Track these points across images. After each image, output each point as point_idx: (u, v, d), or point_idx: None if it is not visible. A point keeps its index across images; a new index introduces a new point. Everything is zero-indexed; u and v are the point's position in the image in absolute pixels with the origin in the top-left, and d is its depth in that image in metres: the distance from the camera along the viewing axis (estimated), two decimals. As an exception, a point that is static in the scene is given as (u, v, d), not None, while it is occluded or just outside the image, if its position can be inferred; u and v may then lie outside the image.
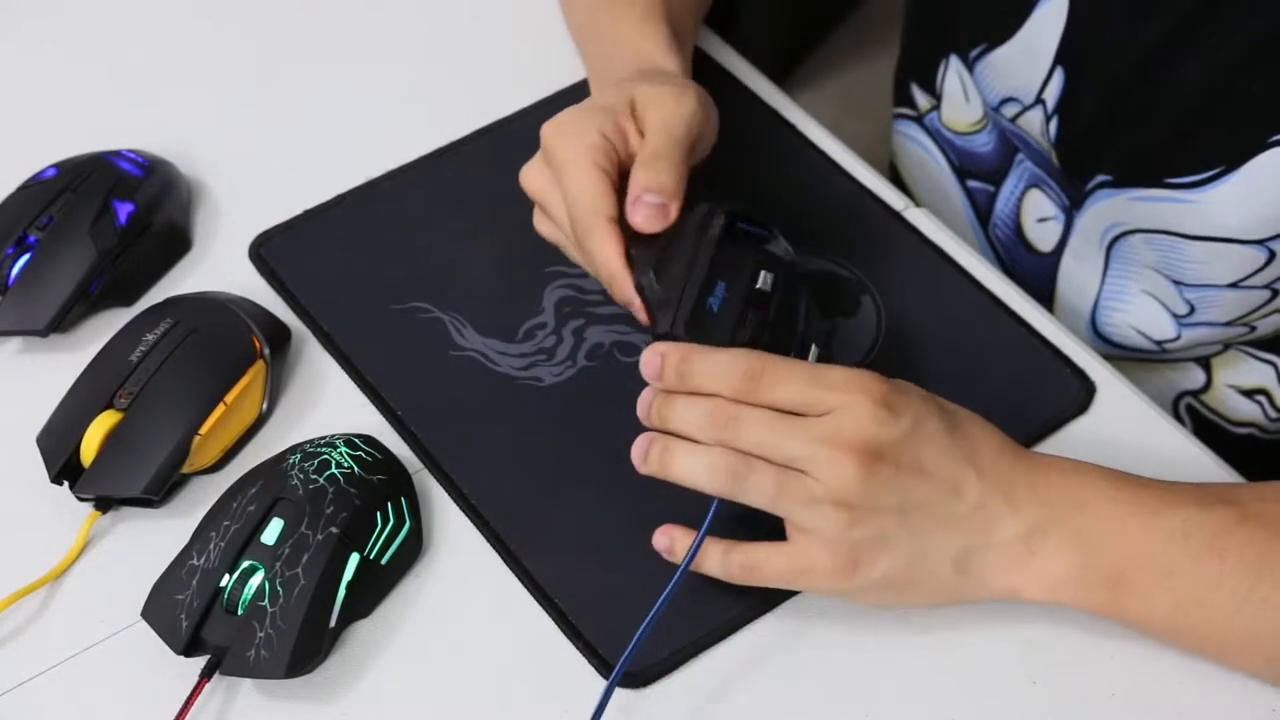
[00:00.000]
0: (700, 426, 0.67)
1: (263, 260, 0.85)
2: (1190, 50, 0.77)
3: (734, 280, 0.69)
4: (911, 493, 0.66)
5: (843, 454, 0.65)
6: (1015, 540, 0.67)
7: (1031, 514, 0.67)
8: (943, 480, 0.66)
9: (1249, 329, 0.86)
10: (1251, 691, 0.69)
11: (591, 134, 0.71)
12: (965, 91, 0.91)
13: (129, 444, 0.75)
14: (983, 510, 0.67)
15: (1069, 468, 0.69)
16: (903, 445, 0.66)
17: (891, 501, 0.66)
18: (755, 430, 0.66)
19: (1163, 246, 0.83)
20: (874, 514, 0.66)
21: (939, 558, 0.67)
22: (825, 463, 0.65)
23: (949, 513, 0.67)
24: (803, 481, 0.65)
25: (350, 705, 0.70)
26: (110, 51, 0.97)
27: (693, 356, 0.67)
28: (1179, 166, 0.79)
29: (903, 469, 0.66)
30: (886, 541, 0.66)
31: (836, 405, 0.65)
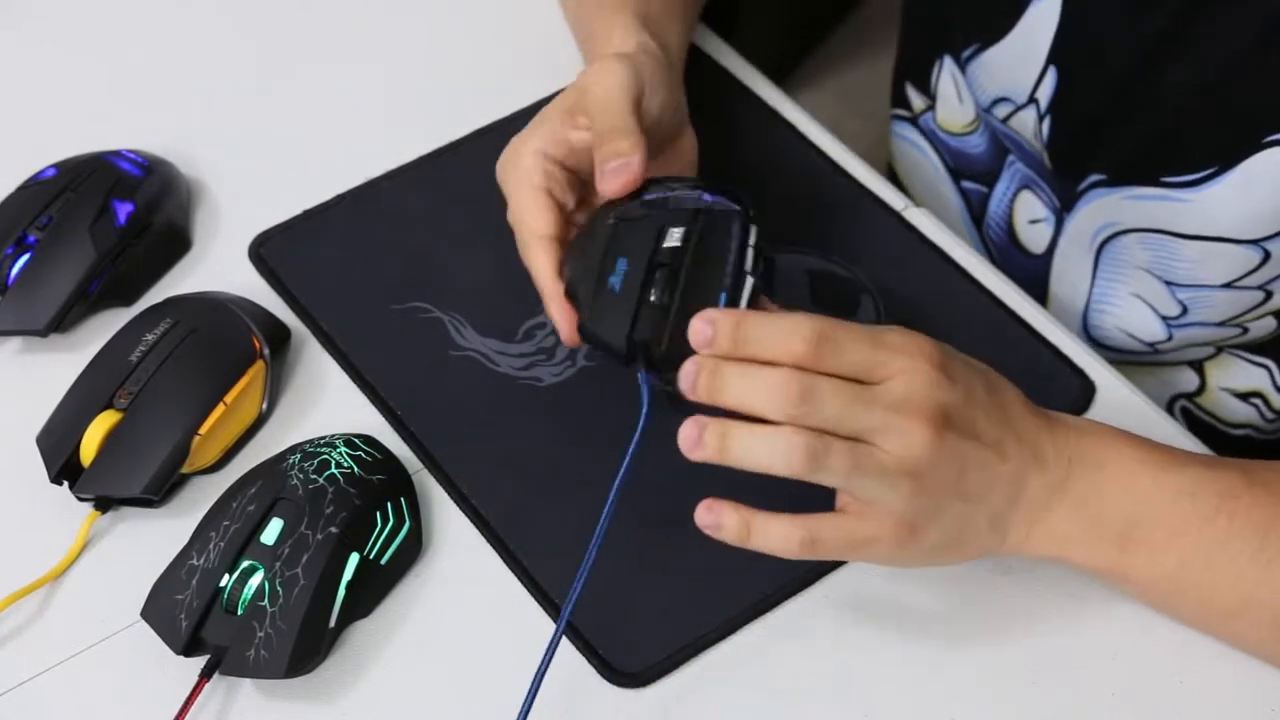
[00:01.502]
0: (770, 400, 0.62)
1: (263, 260, 0.85)
2: (1184, 49, 0.77)
3: (635, 250, 0.69)
4: (968, 457, 0.65)
5: (915, 422, 0.63)
6: (1038, 497, 0.67)
7: (1055, 471, 0.67)
8: (991, 444, 0.66)
9: (1241, 330, 0.85)
10: (1251, 692, 0.69)
11: (525, 158, 0.73)
12: (958, 92, 0.91)
13: (129, 444, 0.75)
14: (1019, 470, 0.67)
15: (1085, 426, 0.69)
16: (961, 410, 0.65)
17: (952, 467, 0.65)
18: (833, 403, 0.63)
19: (1156, 246, 0.83)
20: (936, 482, 0.65)
21: (980, 519, 0.67)
22: (898, 432, 0.64)
23: (994, 475, 0.66)
24: (873, 454, 0.64)
25: (350, 705, 0.70)
26: (111, 51, 0.97)
27: (749, 320, 0.63)
28: (1174, 166, 0.79)
29: (964, 435, 0.65)
30: (941, 508, 0.65)
31: (898, 370, 0.64)
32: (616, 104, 0.72)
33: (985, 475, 0.66)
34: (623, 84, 0.73)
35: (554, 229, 0.72)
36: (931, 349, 0.65)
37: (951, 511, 0.66)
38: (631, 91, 0.73)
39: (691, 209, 0.70)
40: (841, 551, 0.66)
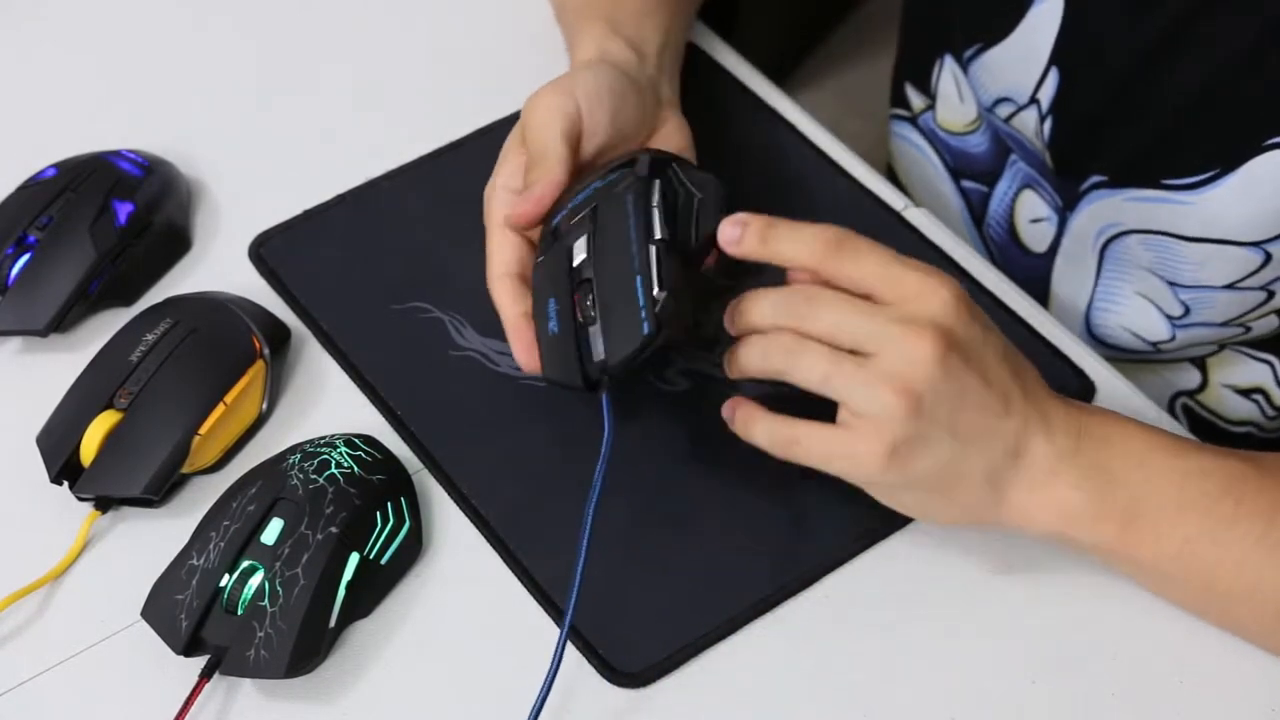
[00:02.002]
0: (775, 311, 0.66)
1: (263, 260, 0.85)
2: (1185, 52, 0.77)
3: (556, 284, 0.70)
4: (969, 392, 0.65)
5: (920, 334, 0.64)
6: (1042, 462, 0.67)
7: (1063, 440, 0.67)
8: (997, 389, 0.66)
9: (1244, 329, 0.86)
10: (1251, 692, 0.69)
11: (493, 198, 0.75)
12: (959, 91, 0.91)
13: (129, 444, 0.75)
14: (1023, 428, 0.67)
15: (1094, 408, 0.70)
16: (975, 344, 0.65)
17: (950, 394, 0.65)
18: (832, 307, 0.65)
19: (1158, 247, 0.83)
20: (929, 405, 0.64)
21: (974, 468, 0.67)
22: (898, 342, 0.64)
23: (994, 424, 0.66)
24: (863, 363, 0.64)
25: (350, 705, 0.70)
26: (111, 51, 0.97)
27: (776, 223, 0.67)
28: (1175, 168, 0.79)
29: (970, 365, 0.65)
30: (930, 439, 0.65)
31: (917, 291, 0.65)
32: (547, 133, 0.74)
33: (985, 420, 0.66)
34: (553, 115, 0.75)
35: (513, 267, 0.74)
36: (955, 284, 0.66)
37: (943, 447, 0.66)
38: (563, 120, 0.74)
39: (589, 208, 0.71)
40: (821, 458, 0.67)
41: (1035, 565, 0.73)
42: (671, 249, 0.68)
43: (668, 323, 0.67)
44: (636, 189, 0.70)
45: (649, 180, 0.70)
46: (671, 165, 0.72)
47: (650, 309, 0.67)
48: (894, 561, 0.73)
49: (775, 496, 0.75)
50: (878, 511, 0.73)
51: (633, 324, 0.67)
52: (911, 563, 0.73)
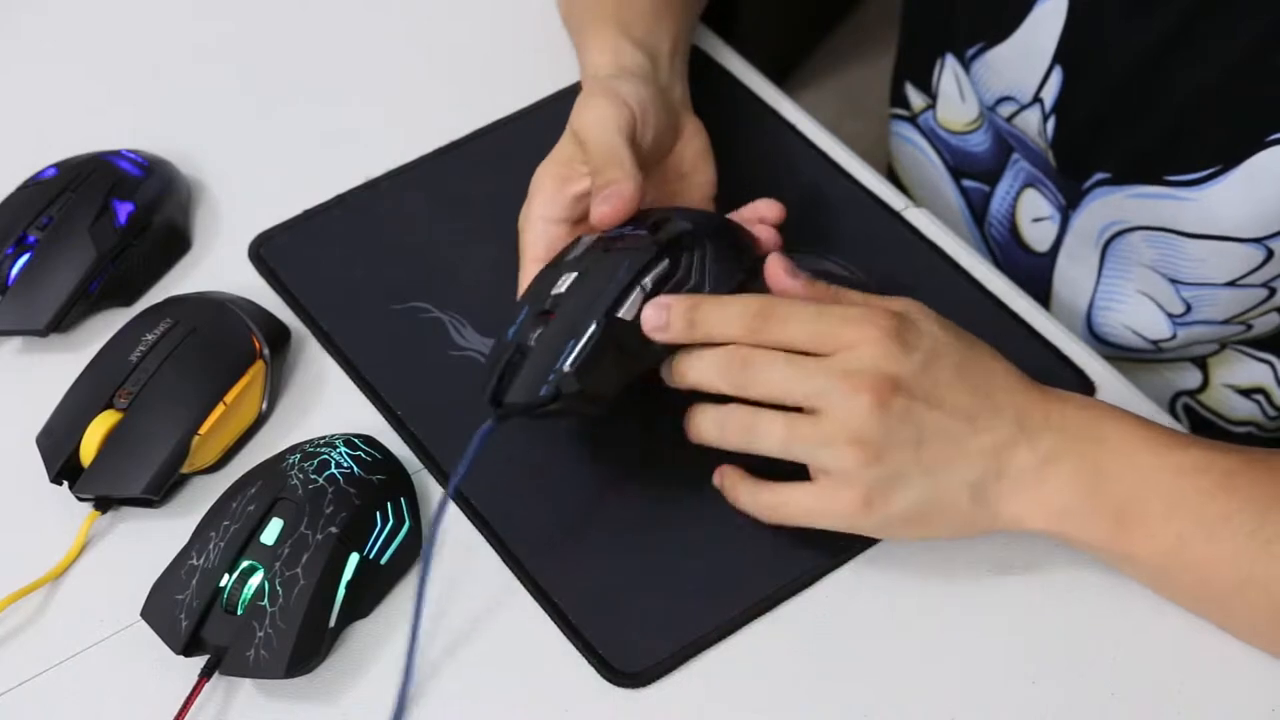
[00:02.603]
0: (717, 372, 0.67)
1: (263, 260, 0.85)
2: (1189, 49, 0.77)
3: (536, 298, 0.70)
4: (927, 425, 0.66)
5: (857, 389, 0.65)
6: (1028, 469, 0.68)
7: (1045, 443, 0.68)
8: (957, 411, 0.67)
9: (1245, 327, 0.86)
10: (1251, 692, 0.69)
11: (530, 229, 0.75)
12: (961, 90, 0.91)
13: (129, 444, 0.75)
14: (996, 440, 0.67)
15: (1082, 402, 0.70)
16: (917, 377, 0.66)
17: (907, 435, 0.66)
18: (769, 370, 0.67)
19: (1161, 244, 0.83)
20: (889, 450, 0.66)
21: (955, 490, 0.67)
22: (840, 398, 0.65)
23: (964, 444, 0.67)
24: (816, 423, 0.66)
25: (350, 705, 0.70)
26: (111, 51, 0.97)
27: (700, 304, 0.68)
28: (1177, 165, 0.79)
29: (917, 401, 0.66)
30: (902, 478, 0.66)
31: (849, 341, 0.66)
32: (610, 140, 0.73)
33: (951, 446, 0.67)
34: (614, 121, 0.74)
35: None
36: (885, 320, 0.66)
37: (916, 484, 0.67)
38: (624, 126, 0.74)
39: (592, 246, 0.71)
40: (806, 517, 0.69)
41: (1035, 565, 0.73)
42: (629, 331, 0.68)
43: (567, 396, 0.67)
44: (637, 258, 0.69)
45: (658, 256, 0.69)
46: (705, 246, 0.71)
47: (556, 377, 0.67)
48: (894, 562, 0.73)
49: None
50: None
51: (538, 380, 0.68)
52: (911, 563, 0.73)
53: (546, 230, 0.75)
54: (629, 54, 0.80)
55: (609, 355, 0.68)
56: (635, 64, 0.80)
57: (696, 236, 0.71)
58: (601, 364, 0.68)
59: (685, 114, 0.81)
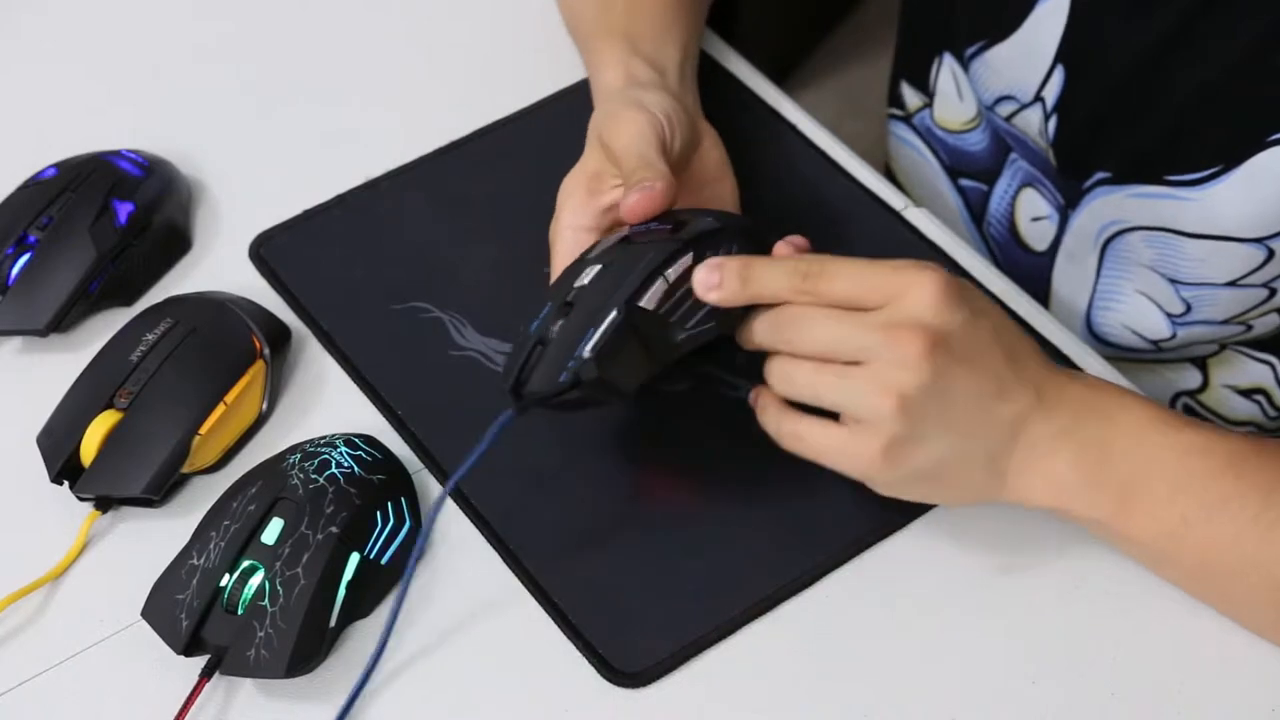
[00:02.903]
0: (768, 329, 0.68)
1: (263, 260, 0.85)
2: (1190, 48, 0.77)
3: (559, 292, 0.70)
4: (959, 386, 0.66)
5: (902, 340, 0.65)
6: (1040, 440, 0.68)
7: (1060, 418, 0.68)
8: (990, 375, 0.67)
9: (1245, 328, 0.86)
10: (1251, 692, 0.69)
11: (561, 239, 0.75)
12: (959, 89, 0.91)
13: (129, 444, 0.75)
14: (1018, 410, 0.67)
15: (1098, 383, 0.70)
16: (961, 334, 0.66)
17: (939, 392, 0.66)
18: (817, 327, 0.67)
19: (1161, 244, 0.83)
20: (921, 405, 0.65)
21: (973, 455, 0.68)
22: (885, 350, 0.65)
23: (990, 410, 0.67)
24: (853, 372, 0.66)
25: (350, 705, 0.70)
26: (111, 52, 0.97)
27: (751, 263, 0.68)
28: (1178, 164, 0.79)
29: (957, 358, 0.66)
30: (926, 436, 0.66)
31: (898, 290, 0.66)
32: (643, 150, 0.73)
33: (979, 410, 0.67)
34: (647, 133, 0.74)
35: None
36: (936, 274, 0.66)
37: (939, 442, 0.67)
38: (656, 137, 0.74)
39: (617, 243, 0.71)
40: (821, 455, 0.69)
41: (1035, 565, 0.73)
42: (651, 321, 0.68)
43: (587, 384, 0.67)
44: (660, 250, 0.69)
45: (682, 249, 0.69)
46: (730, 245, 0.70)
47: (576, 364, 0.67)
48: (894, 562, 0.73)
49: (776, 497, 0.75)
50: (878, 513, 0.74)
51: (557, 368, 0.68)
52: (911, 563, 0.73)
53: (577, 238, 0.74)
54: (641, 68, 0.80)
55: (630, 344, 0.68)
56: (648, 77, 0.80)
57: (721, 234, 0.70)
58: (622, 352, 0.68)
59: (701, 123, 0.80)
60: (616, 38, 0.82)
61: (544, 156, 0.89)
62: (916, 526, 0.74)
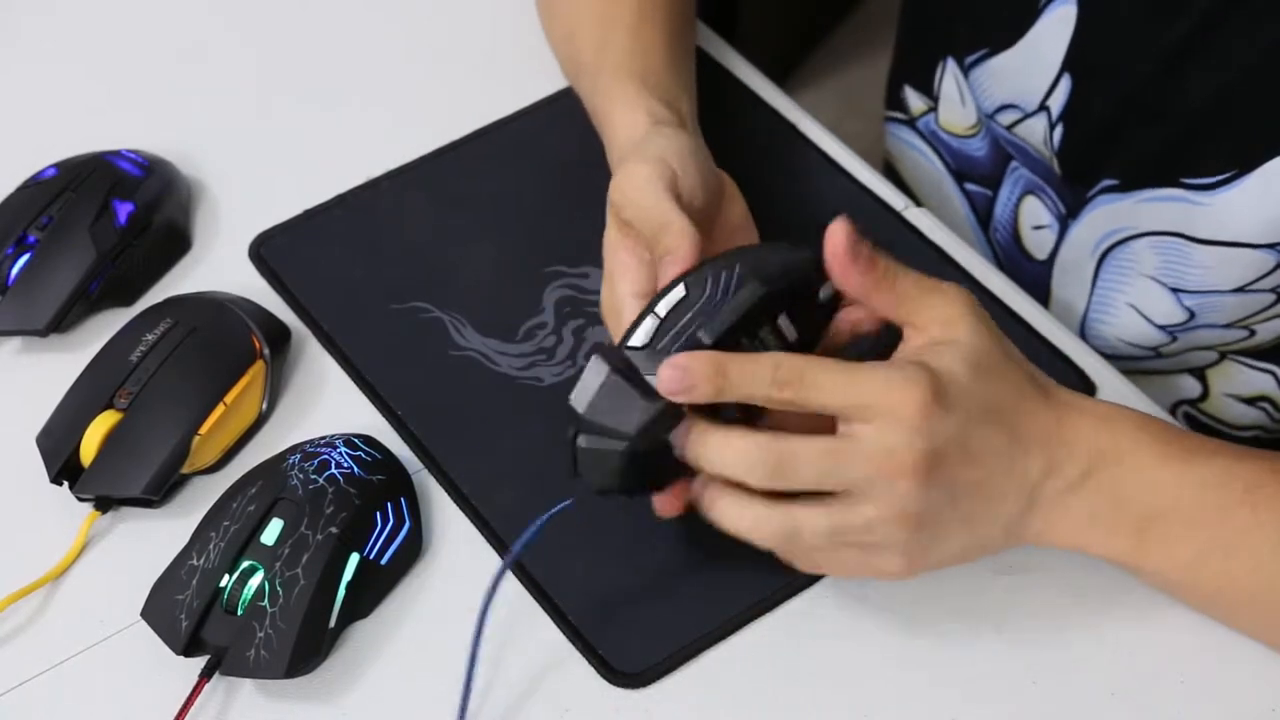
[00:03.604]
0: (750, 471, 0.64)
1: (263, 260, 0.85)
2: (1204, 54, 0.77)
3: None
4: (965, 484, 0.65)
5: (899, 473, 0.63)
6: (1053, 496, 0.67)
7: (1069, 471, 0.67)
8: (992, 460, 0.66)
9: (1249, 332, 0.85)
10: (1251, 692, 0.69)
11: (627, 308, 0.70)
12: (961, 95, 0.91)
13: (129, 444, 0.75)
14: (1028, 479, 0.67)
15: (1109, 415, 0.68)
16: (956, 441, 0.64)
17: (946, 497, 0.65)
18: (807, 470, 0.64)
19: (1168, 251, 0.82)
20: (930, 515, 0.65)
21: (991, 530, 0.67)
22: (882, 484, 0.63)
23: (998, 488, 0.66)
24: (857, 508, 0.64)
25: (350, 705, 0.70)
26: (110, 51, 0.97)
27: (725, 365, 0.63)
28: (1192, 170, 0.79)
29: (956, 467, 0.64)
30: (942, 535, 0.66)
31: (885, 409, 0.63)
32: (654, 203, 0.70)
33: (986, 492, 0.66)
34: (654, 182, 0.71)
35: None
36: (922, 383, 0.63)
37: (956, 535, 0.66)
38: (665, 185, 0.71)
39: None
40: (847, 575, 0.69)
41: (1035, 566, 0.73)
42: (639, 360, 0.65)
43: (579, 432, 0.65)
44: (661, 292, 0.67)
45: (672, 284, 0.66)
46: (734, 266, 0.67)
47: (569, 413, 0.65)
48: (894, 561, 0.73)
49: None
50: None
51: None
52: (912, 563, 0.73)
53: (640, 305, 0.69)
54: (660, 111, 0.77)
55: (612, 384, 0.65)
56: (665, 117, 0.77)
57: (726, 256, 0.67)
58: (603, 394, 0.65)
59: (719, 170, 0.77)
60: (632, 79, 0.79)
61: (544, 156, 0.89)
62: (916, 526, 0.74)
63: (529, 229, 0.78)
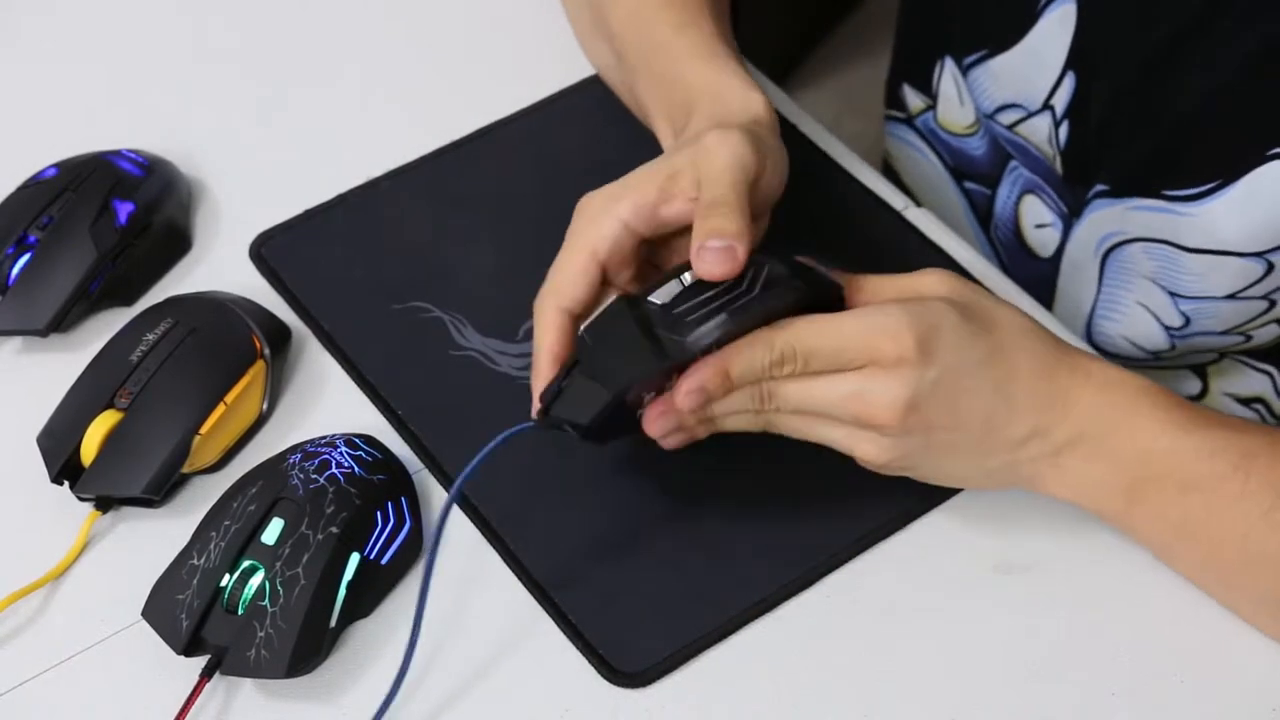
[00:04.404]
0: (746, 416, 0.68)
1: (263, 260, 0.85)
2: (1191, 58, 0.77)
3: None
4: (939, 440, 0.67)
5: (874, 420, 0.66)
6: (1041, 458, 0.69)
7: (1061, 435, 0.68)
8: (976, 421, 0.67)
9: (1245, 338, 0.85)
10: (1251, 691, 0.70)
11: (605, 222, 0.69)
12: (960, 95, 0.91)
13: (129, 444, 0.75)
14: (1011, 438, 0.68)
15: (1101, 383, 0.69)
16: (935, 395, 0.66)
17: (920, 444, 0.67)
18: (792, 401, 0.67)
19: (1161, 257, 0.82)
20: (904, 455, 0.68)
21: (968, 471, 0.70)
22: (857, 418, 0.66)
23: (979, 445, 0.68)
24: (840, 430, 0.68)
25: (350, 705, 0.70)
26: (110, 51, 0.97)
27: (729, 367, 0.66)
28: (1176, 179, 0.79)
29: (934, 419, 0.67)
30: (918, 468, 0.69)
31: (872, 356, 0.66)
32: (731, 178, 0.68)
33: (965, 447, 0.68)
34: (744, 160, 0.69)
35: (580, 307, 0.69)
36: (904, 339, 0.66)
37: (932, 469, 0.70)
38: (750, 170, 0.69)
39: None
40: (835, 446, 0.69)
41: (1035, 565, 0.73)
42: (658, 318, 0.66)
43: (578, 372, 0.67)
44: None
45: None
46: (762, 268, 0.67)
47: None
48: (894, 562, 0.73)
49: (775, 497, 0.75)
50: (877, 514, 0.74)
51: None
52: (911, 563, 0.73)
53: (620, 232, 0.69)
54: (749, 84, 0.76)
55: (626, 331, 0.66)
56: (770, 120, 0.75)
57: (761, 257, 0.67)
58: (615, 337, 0.66)
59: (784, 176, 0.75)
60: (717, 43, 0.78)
61: (545, 156, 0.89)
62: (916, 527, 0.74)
63: (529, 229, 0.78)
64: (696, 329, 0.66)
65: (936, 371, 0.66)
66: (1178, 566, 0.71)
